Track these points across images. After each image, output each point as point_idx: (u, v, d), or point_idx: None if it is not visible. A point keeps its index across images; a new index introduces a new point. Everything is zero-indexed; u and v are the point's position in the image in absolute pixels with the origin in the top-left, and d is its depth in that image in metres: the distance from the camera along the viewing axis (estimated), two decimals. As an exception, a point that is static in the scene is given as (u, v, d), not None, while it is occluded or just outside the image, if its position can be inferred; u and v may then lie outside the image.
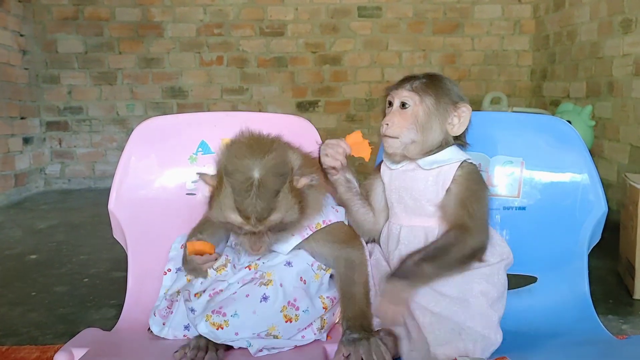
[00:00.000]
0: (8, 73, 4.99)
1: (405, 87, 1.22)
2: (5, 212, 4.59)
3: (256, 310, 1.17)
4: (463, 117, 1.21)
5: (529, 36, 5.70)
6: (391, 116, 1.22)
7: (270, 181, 1.10)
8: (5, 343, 2.06)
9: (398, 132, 1.20)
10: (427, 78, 1.24)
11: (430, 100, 1.20)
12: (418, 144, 1.20)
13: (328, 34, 5.72)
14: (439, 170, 1.21)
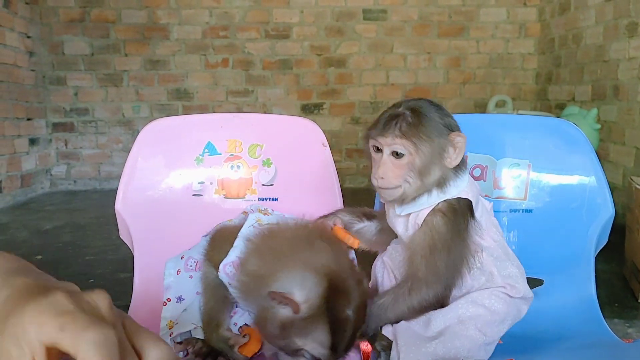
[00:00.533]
0: (15, 74, 5.01)
1: (393, 133, 1.06)
2: (11, 212, 4.61)
3: None
4: (459, 147, 1.08)
5: (534, 39, 5.70)
6: (384, 168, 1.08)
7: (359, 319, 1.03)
8: (11, 343, 2.07)
9: (395, 183, 1.08)
10: (412, 115, 1.07)
11: (425, 146, 1.05)
12: (415, 189, 1.09)
13: (333, 37, 5.73)
14: (410, 216, 1.13)
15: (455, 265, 1.08)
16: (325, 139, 1.49)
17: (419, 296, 1.08)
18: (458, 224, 1.09)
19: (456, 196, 1.11)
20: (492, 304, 1.08)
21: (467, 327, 1.05)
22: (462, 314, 1.07)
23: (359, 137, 5.84)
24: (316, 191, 1.45)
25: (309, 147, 1.49)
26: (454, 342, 1.04)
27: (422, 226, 1.10)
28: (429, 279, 1.07)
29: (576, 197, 1.35)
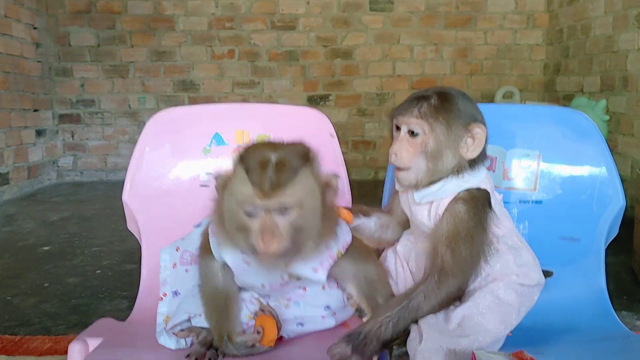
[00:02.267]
0: (21, 65, 5.02)
1: (413, 113, 1.09)
2: (18, 203, 4.63)
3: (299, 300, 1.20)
4: (477, 138, 1.09)
5: (542, 30, 5.65)
6: (399, 145, 1.11)
7: (289, 160, 1.00)
8: (18, 333, 2.08)
9: (408, 163, 1.10)
10: (437, 99, 1.09)
11: (441, 128, 1.08)
12: (429, 172, 1.11)
13: (339, 28, 5.70)
14: (432, 205, 1.14)
15: (478, 254, 1.09)
16: (333, 130, 1.48)
17: (447, 288, 1.08)
18: (480, 213, 1.10)
19: (476, 186, 1.12)
20: (507, 295, 1.07)
21: (488, 320, 1.05)
22: (482, 305, 1.07)
23: (365, 129, 5.83)
24: (324, 182, 1.45)
25: (316, 138, 1.46)
26: (477, 336, 1.04)
27: (445, 215, 1.11)
28: (455, 269, 1.07)
29: (586, 188, 1.34)
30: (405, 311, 1.07)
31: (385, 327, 1.06)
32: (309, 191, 1.01)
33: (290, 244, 0.99)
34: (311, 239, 1.02)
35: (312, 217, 1.01)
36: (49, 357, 1.90)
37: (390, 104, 5.79)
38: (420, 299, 1.08)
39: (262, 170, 0.97)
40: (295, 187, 0.98)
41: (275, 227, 0.97)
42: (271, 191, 0.96)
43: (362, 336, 1.05)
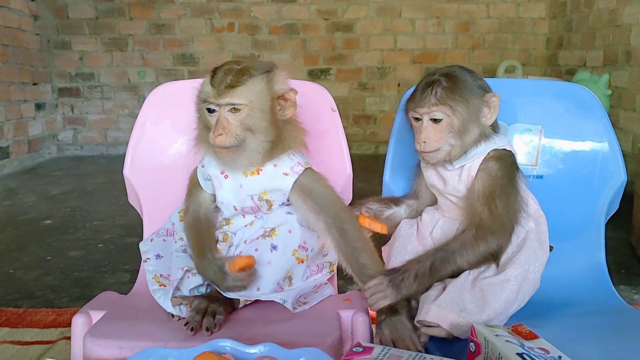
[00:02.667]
0: (19, 38, 4.97)
1: (430, 102, 1.14)
2: (19, 177, 4.63)
3: (270, 260, 1.18)
4: (493, 106, 1.17)
5: (545, 3, 5.59)
6: (426, 133, 1.16)
7: (247, 68, 1.16)
8: (21, 306, 2.11)
9: (437, 145, 1.16)
10: (447, 81, 1.16)
11: (461, 107, 1.15)
12: (457, 147, 1.17)
13: (340, 1, 5.64)
14: (464, 168, 1.19)
15: (514, 211, 1.13)
16: (335, 104, 1.47)
17: (485, 244, 1.11)
18: (510, 169, 1.16)
19: (502, 147, 1.19)
20: (535, 271, 1.10)
21: (505, 290, 1.07)
22: (510, 274, 1.09)
23: (366, 103, 5.80)
24: (325, 156, 1.44)
25: (318, 112, 1.47)
26: (493, 304, 1.06)
27: (478, 174, 1.16)
28: (494, 226, 1.11)
29: (588, 163, 1.33)
30: (441, 255, 1.12)
31: (423, 268, 1.10)
32: (259, 95, 1.16)
33: (237, 140, 1.14)
34: (258, 138, 1.17)
35: (260, 119, 1.16)
36: (52, 329, 1.92)
37: (391, 77, 5.76)
38: (456, 247, 1.12)
39: (223, 75, 1.15)
40: (246, 89, 1.14)
41: (226, 122, 1.14)
42: (224, 90, 1.13)
43: (400, 272, 1.11)
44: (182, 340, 1.04)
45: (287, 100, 1.20)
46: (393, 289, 1.09)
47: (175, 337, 1.05)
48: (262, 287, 1.18)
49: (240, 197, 1.23)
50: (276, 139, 1.19)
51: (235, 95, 1.13)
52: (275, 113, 1.18)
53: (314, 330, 1.11)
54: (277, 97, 1.19)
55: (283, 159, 1.22)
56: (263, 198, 1.22)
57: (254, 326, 1.13)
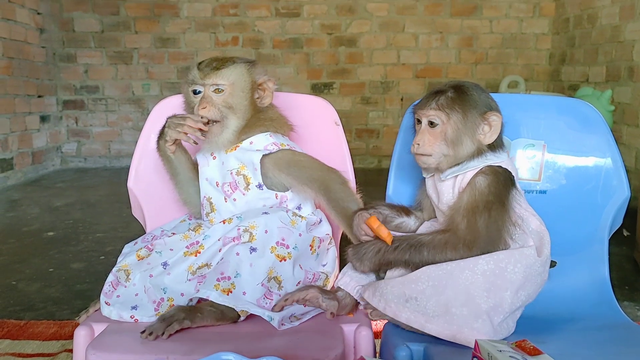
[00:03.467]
0: (25, 51, 5.01)
1: (431, 106, 1.19)
2: (22, 189, 4.64)
3: (252, 262, 1.21)
4: (494, 125, 1.18)
5: (548, 19, 5.62)
6: (421, 135, 1.20)
7: (230, 57, 1.33)
8: (23, 317, 2.10)
9: (429, 150, 1.19)
10: (453, 91, 1.20)
11: (457, 116, 1.18)
12: (450, 158, 1.19)
13: (344, 16, 5.67)
14: (457, 179, 1.21)
15: (497, 228, 1.13)
16: (338, 118, 1.48)
17: (454, 252, 1.12)
18: (499, 187, 1.16)
19: (498, 164, 1.19)
20: (513, 268, 1.09)
21: (463, 278, 1.07)
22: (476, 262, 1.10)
23: (369, 118, 5.82)
24: (328, 170, 1.45)
25: (321, 126, 1.48)
26: (446, 291, 1.07)
27: (466, 187, 1.18)
28: (467, 238, 1.12)
29: (591, 178, 1.33)
30: (411, 242, 1.16)
31: (385, 248, 1.17)
32: (240, 78, 1.31)
33: (220, 114, 1.28)
34: (238, 117, 1.31)
35: (240, 98, 1.31)
36: (53, 341, 1.92)
37: (394, 92, 5.78)
38: (427, 241, 1.14)
39: (209, 61, 1.32)
40: (228, 72, 1.29)
41: (210, 99, 1.28)
42: (210, 72, 1.28)
43: (364, 247, 1.20)
44: (184, 353, 1.03)
45: (264, 90, 1.35)
46: (357, 261, 1.19)
47: (177, 350, 1.05)
48: (248, 291, 1.18)
49: (222, 173, 1.34)
50: (252, 119, 1.33)
51: (219, 76, 1.28)
52: (254, 100, 1.34)
53: (316, 345, 1.10)
54: (257, 85, 1.34)
55: (259, 137, 1.33)
56: (240, 173, 1.32)
57: (256, 340, 1.13)
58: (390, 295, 1.11)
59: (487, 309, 1.06)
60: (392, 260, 1.16)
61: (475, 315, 1.05)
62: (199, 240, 1.28)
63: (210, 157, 1.34)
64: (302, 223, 1.32)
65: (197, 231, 1.31)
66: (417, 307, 1.08)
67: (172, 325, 1.12)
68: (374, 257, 1.18)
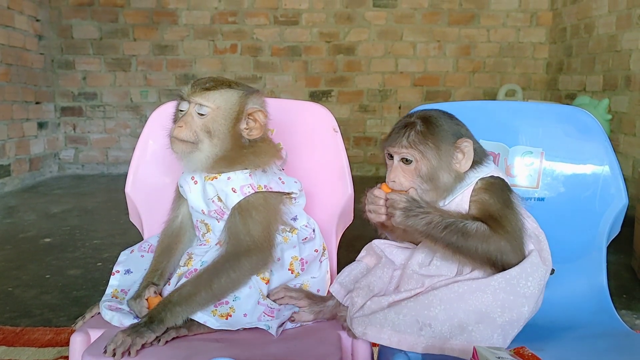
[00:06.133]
0: (24, 58, 5.02)
1: (401, 143, 1.15)
2: (19, 195, 4.63)
3: (250, 284, 1.21)
4: (467, 151, 1.15)
5: (545, 28, 5.65)
6: (395, 173, 1.17)
7: (229, 81, 1.26)
8: (19, 324, 2.09)
9: (407, 185, 1.16)
10: (421, 124, 1.16)
11: (431, 153, 1.14)
12: (431, 192, 1.16)
13: (342, 24, 5.70)
14: (454, 202, 1.18)
15: (519, 228, 1.12)
16: (337, 125, 1.48)
17: (498, 241, 1.08)
18: (503, 195, 1.15)
19: (489, 174, 1.17)
20: (528, 285, 1.07)
21: (474, 299, 1.05)
22: (486, 283, 1.07)
23: (367, 125, 5.83)
24: (327, 176, 1.45)
25: (319, 133, 1.48)
26: (458, 314, 1.04)
27: (471, 205, 1.15)
28: (506, 231, 1.09)
29: (589, 186, 1.34)
30: (460, 225, 1.10)
31: (437, 222, 1.10)
32: (227, 104, 1.23)
33: (194, 137, 1.21)
34: (214, 143, 1.22)
35: (221, 125, 1.22)
36: (49, 348, 1.91)
37: (392, 100, 5.80)
38: (473, 227, 1.10)
39: (205, 80, 1.25)
40: (217, 95, 1.22)
41: (190, 118, 1.22)
42: (198, 90, 1.22)
43: (420, 209, 1.11)
44: (181, 359, 1.03)
45: (255, 121, 1.25)
46: (403, 214, 1.11)
47: (174, 357, 1.05)
48: (249, 312, 1.18)
49: (205, 200, 1.28)
50: (234, 152, 1.24)
51: (205, 97, 1.21)
52: (240, 130, 1.24)
53: (314, 352, 1.10)
54: (247, 114, 1.25)
55: (238, 175, 1.25)
56: (221, 200, 1.26)
57: (253, 347, 1.12)
58: (403, 326, 1.06)
59: (502, 323, 1.05)
60: (437, 237, 1.10)
61: (492, 330, 1.05)
62: (197, 267, 1.25)
63: (192, 181, 1.29)
64: (293, 238, 1.31)
65: (189, 264, 1.28)
66: (432, 334, 1.04)
67: (168, 333, 1.12)
68: (422, 226, 1.10)
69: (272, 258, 1.25)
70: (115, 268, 1.35)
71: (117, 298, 1.28)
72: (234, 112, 1.23)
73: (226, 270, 1.18)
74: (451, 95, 5.74)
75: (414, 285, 1.13)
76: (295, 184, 1.34)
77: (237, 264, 1.20)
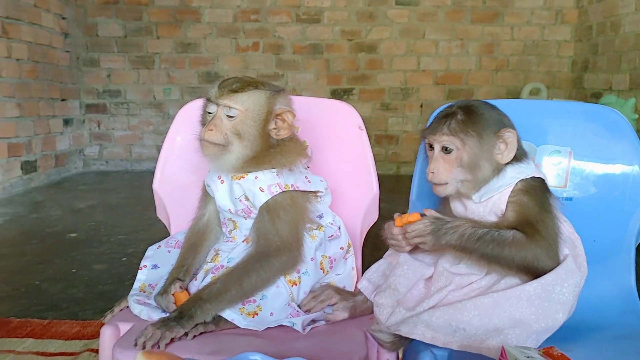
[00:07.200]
0: (50, 55, 5.09)
1: (442, 131, 1.14)
2: (45, 191, 4.71)
3: (278, 284, 1.22)
4: (510, 142, 1.13)
5: (570, 26, 5.57)
6: (435, 163, 1.15)
7: (256, 81, 1.25)
8: (46, 317, 2.13)
9: (445, 178, 1.14)
10: (463, 113, 1.14)
11: (473, 141, 1.12)
12: (469, 183, 1.15)
13: (364, 22, 5.69)
14: (491, 200, 1.16)
15: (555, 234, 1.11)
16: (362, 122, 1.48)
17: (534, 250, 1.07)
18: (543, 198, 1.14)
19: (530, 175, 1.15)
20: (564, 292, 1.06)
21: (509, 305, 1.04)
22: (521, 290, 1.06)
23: (389, 124, 5.82)
24: (352, 175, 1.45)
25: (345, 131, 1.48)
26: (492, 319, 1.03)
27: (509, 206, 1.14)
28: (544, 237, 1.08)
29: (618, 185, 1.32)
30: (494, 235, 1.08)
31: (470, 233, 1.09)
32: (256, 106, 1.23)
33: (224, 140, 1.21)
34: (244, 145, 1.23)
35: (250, 127, 1.22)
36: (76, 341, 1.94)
37: (414, 99, 5.78)
38: (508, 236, 1.08)
39: (232, 81, 1.24)
40: (245, 97, 1.22)
41: (219, 121, 1.22)
42: (227, 93, 1.21)
43: (448, 225, 1.10)
44: (209, 353, 1.04)
45: (283, 121, 1.25)
46: (433, 237, 1.10)
47: (202, 351, 1.06)
48: (276, 312, 1.20)
49: (232, 199, 1.28)
50: (262, 152, 1.25)
51: (233, 100, 1.21)
52: (269, 130, 1.25)
53: (340, 348, 1.10)
54: (275, 115, 1.25)
55: (265, 175, 1.26)
56: (248, 199, 1.27)
57: (279, 342, 1.13)
58: (436, 326, 1.05)
59: (537, 329, 1.04)
60: (471, 249, 1.08)
61: (527, 335, 1.04)
62: (224, 264, 1.27)
63: (218, 180, 1.30)
64: (320, 235, 1.31)
65: (216, 260, 1.30)
66: (466, 336, 1.04)
67: (196, 328, 1.13)
68: (456, 240, 1.09)
69: (301, 257, 1.25)
70: (143, 263, 1.37)
71: (145, 292, 1.30)
72: (262, 113, 1.23)
73: (256, 270, 1.19)
74: (474, 93, 5.70)
75: (444, 283, 1.13)
76: (321, 182, 1.34)
77: (267, 264, 1.20)
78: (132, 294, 1.28)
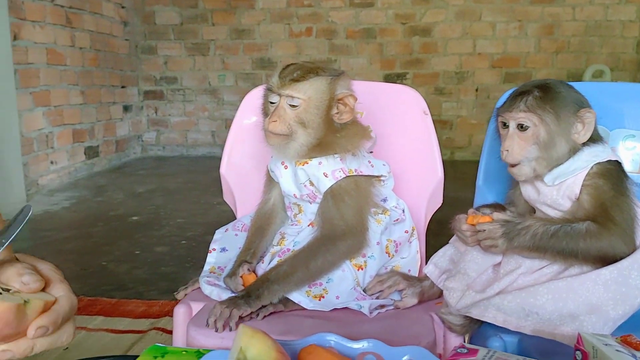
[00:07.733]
0: (110, 44, 5.24)
1: (519, 107, 1.11)
2: (107, 175, 4.88)
3: (343, 267, 1.23)
4: (587, 122, 1.10)
5: (636, 5, 5.33)
6: (510, 141, 1.12)
7: (314, 68, 1.24)
8: (114, 296, 2.22)
9: (519, 157, 1.12)
10: (540, 91, 1.11)
11: (550, 117, 1.09)
12: (544, 160, 1.12)
13: (419, 5, 5.60)
14: (565, 183, 1.13)
15: (631, 219, 1.08)
16: (427, 107, 1.47)
17: (610, 238, 1.05)
18: (619, 184, 1.11)
19: (606, 159, 1.12)
20: (638, 274, 1.03)
21: (584, 289, 1.02)
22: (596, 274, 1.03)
23: (443, 109, 5.73)
24: (416, 159, 1.44)
25: (409, 115, 1.47)
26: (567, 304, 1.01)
27: (583, 190, 1.11)
28: (619, 226, 1.05)
29: (698, 171, 1.27)
30: (567, 229, 1.06)
31: (543, 232, 1.07)
32: (318, 93, 1.22)
33: (289, 130, 1.21)
34: (308, 133, 1.22)
35: (314, 115, 1.22)
36: (142, 319, 2.02)
37: (469, 83, 5.67)
38: (581, 228, 1.06)
39: (292, 69, 1.23)
40: (307, 85, 1.21)
41: (282, 111, 1.21)
42: (288, 83, 1.20)
43: (519, 226, 1.09)
44: (280, 333, 1.06)
45: (345, 105, 1.25)
46: (505, 240, 1.09)
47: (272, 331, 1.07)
48: (342, 296, 1.21)
49: (297, 185, 1.29)
50: (326, 138, 1.24)
51: (296, 89, 1.20)
52: (331, 115, 1.24)
53: (408, 331, 1.11)
54: (337, 100, 1.24)
55: (329, 160, 1.26)
56: (313, 184, 1.28)
57: (347, 324, 1.14)
58: (508, 309, 1.04)
59: (614, 316, 1.02)
60: (546, 247, 1.07)
61: (604, 322, 1.01)
62: (290, 247, 1.29)
63: (282, 166, 1.31)
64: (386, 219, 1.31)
65: (282, 243, 1.32)
66: (539, 320, 1.02)
67: (266, 308, 1.16)
68: (528, 241, 1.07)
69: (366, 241, 1.26)
70: (212, 246, 1.40)
71: (215, 274, 1.34)
72: (324, 99, 1.23)
73: (322, 253, 1.21)
74: (532, 77, 5.54)
75: (514, 266, 1.12)
76: (383, 166, 1.34)
77: (333, 247, 1.21)
78: (202, 276, 1.32)
